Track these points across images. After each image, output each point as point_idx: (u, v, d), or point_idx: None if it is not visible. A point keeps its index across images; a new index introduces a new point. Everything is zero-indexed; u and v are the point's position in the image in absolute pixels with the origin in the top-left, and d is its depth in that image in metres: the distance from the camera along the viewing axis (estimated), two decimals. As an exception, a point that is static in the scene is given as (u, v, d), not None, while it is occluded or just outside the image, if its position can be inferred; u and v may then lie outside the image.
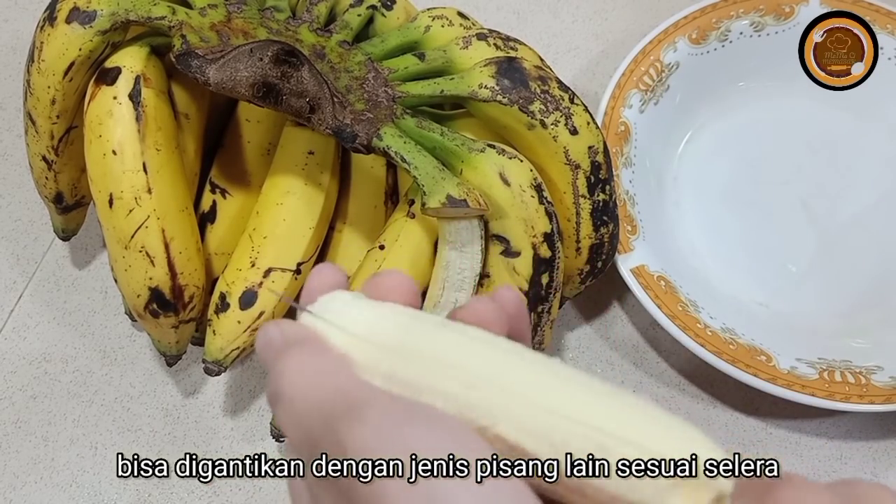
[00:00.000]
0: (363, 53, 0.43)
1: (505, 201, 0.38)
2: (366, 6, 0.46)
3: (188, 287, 0.43)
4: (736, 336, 0.47)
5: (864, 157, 0.54)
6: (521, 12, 0.62)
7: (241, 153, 0.48)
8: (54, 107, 0.42)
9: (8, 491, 0.48)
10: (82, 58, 0.41)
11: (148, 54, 0.42)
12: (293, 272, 0.44)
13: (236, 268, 0.45)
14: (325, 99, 0.39)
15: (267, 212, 0.45)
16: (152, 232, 0.41)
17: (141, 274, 0.42)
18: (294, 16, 0.44)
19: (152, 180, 0.41)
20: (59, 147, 0.44)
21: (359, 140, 0.39)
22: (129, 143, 0.40)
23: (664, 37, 0.54)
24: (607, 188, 0.43)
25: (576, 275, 0.45)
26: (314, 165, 0.45)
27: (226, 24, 0.41)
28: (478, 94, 0.40)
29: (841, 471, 0.47)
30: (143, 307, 0.43)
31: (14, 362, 0.52)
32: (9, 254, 0.55)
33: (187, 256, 0.43)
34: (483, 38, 0.43)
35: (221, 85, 0.39)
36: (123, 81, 0.41)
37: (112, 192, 0.41)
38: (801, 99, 0.55)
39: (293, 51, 0.38)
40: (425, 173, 0.38)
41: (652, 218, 0.51)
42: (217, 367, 0.44)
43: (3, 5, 0.64)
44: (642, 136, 0.52)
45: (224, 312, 0.44)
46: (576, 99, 0.41)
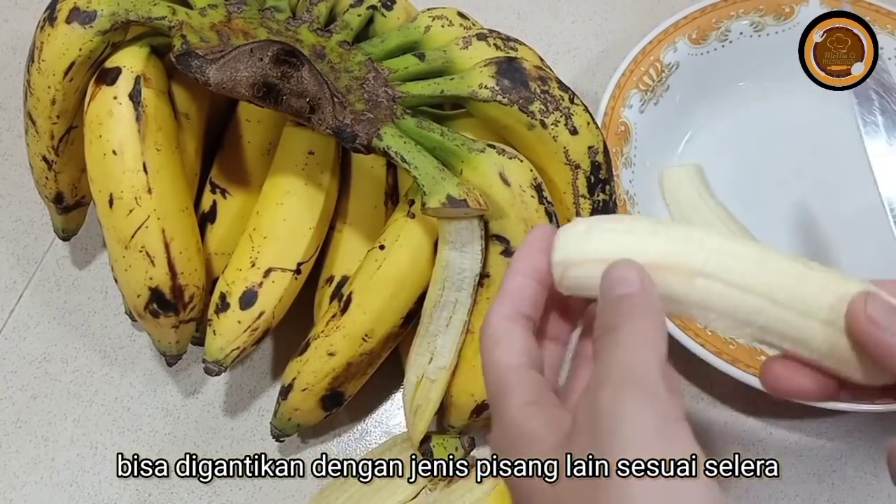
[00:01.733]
0: (363, 53, 0.43)
1: (505, 201, 0.38)
2: (366, 6, 0.46)
3: (188, 287, 0.43)
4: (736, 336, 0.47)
5: (863, 157, 0.54)
6: (521, 12, 0.62)
7: (241, 153, 0.48)
8: (54, 107, 0.42)
9: (8, 491, 0.48)
10: (82, 58, 0.40)
11: (148, 54, 0.42)
12: (293, 272, 0.44)
13: (236, 268, 0.45)
14: (325, 99, 0.39)
15: (267, 212, 0.45)
16: (152, 232, 0.41)
17: (141, 274, 0.42)
18: (294, 16, 0.44)
19: (152, 180, 0.41)
20: (60, 147, 0.44)
21: (359, 140, 0.39)
22: (129, 144, 0.40)
23: (664, 37, 0.54)
24: (607, 188, 0.43)
25: None
26: (314, 165, 0.45)
27: (226, 25, 0.41)
28: (478, 94, 0.40)
29: (841, 471, 0.47)
30: (143, 307, 0.43)
31: (14, 362, 0.52)
32: (9, 254, 0.55)
33: (187, 256, 0.43)
34: (483, 39, 0.43)
35: (221, 85, 0.39)
36: (124, 81, 0.40)
37: (112, 193, 0.41)
38: (801, 99, 0.55)
39: (293, 51, 0.38)
40: (425, 173, 0.38)
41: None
42: (217, 367, 0.44)
43: (3, 5, 0.64)
44: (642, 136, 0.53)
45: (224, 312, 0.44)
46: (576, 99, 0.41)
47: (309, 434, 0.49)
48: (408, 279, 0.41)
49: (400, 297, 0.41)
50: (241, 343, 0.44)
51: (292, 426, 0.46)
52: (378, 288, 0.41)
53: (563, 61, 0.60)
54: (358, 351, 0.42)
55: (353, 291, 0.42)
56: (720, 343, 0.46)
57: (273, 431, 0.46)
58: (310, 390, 0.43)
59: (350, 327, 0.42)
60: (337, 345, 0.42)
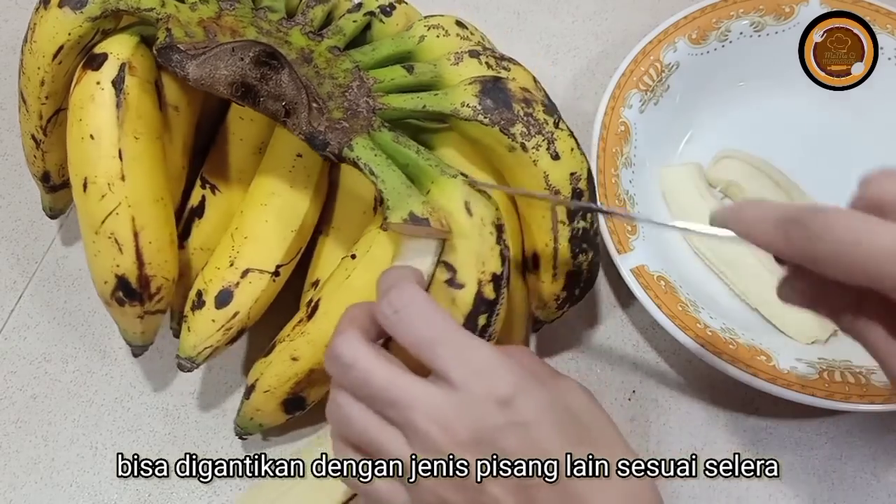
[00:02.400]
0: (351, 61, 0.43)
1: (463, 230, 0.37)
2: (363, 13, 0.45)
3: (156, 278, 0.43)
4: (736, 336, 0.47)
5: (864, 157, 0.54)
6: (521, 12, 0.62)
7: (232, 150, 0.48)
8: (43, 88, 0.43)
9: (8, 491, 0.48)
10: (71, 42, 0.41)
11: (137, 43, 0.42)
12: (272, 274, 0.44)
13: (215, 266, 0.45)
14: (301, 104, 0.39)
15: (251, 212, 0.45)
16: (122, 219, 0.41)
17: (109, 260, 0.42)
18: (290, 17, 0.44)
19: (127, 168, 0.41)
20: (48, 127, 0.45)
21: (329, 148, 0.39)
22: (106, 129, 0.40)
23: (664, 37, 0.54)
24: (588, 216, 0.42)
25: (552, 300, 0.45)
26: (301, 168, 0.45)
27: (215, 21, 0.41)
28: (459, 111, 0.40)
29: (841, 471, 0.47)
30: (109, 294, 0.43)
31: (14, 362, 0.52)
32: (9, 254, 0.55)
33: (157, 247, 0.43)
34: (475, 56, 0.43)
35: (200, 81, 0.39)
36: (108, 67, 0.41)
37: (87, 177, 0.41)
38: (801, 99, 0.55)
39: (274, 53, 0.38)
40: (391, 188, 0.38)
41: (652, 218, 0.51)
42: (189, 364, 0.44)
43: (3, 5, 0.64)
44: (642, 136, 0.52)
45: (200, 310, 0.44)
46: (561, 124, 0.41)
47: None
48: (376, 291, 0.41)
49: None
50: (214, 342, 0.44)
51: (254, 426, 0.46)
52: (345, 297, 0.41)
53: (563, 61, 0.60)
54: (321, 358, 0.41)
55: (321, 298, 0.41)
56: (720, 343, 0.46)
57: (236, 430, 0.46)
58: (272, 392, 0.43)
59: (315, 334, 0.41)
60: (301, 350, 0.42)
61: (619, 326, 0.52)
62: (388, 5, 0.47)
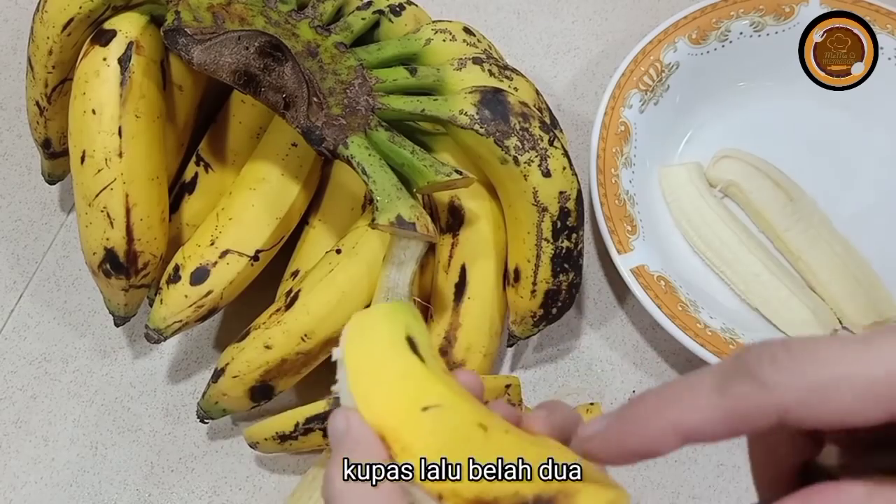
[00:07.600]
0: (356, 59, 0.43)
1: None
2: (372, 10, 0.46)
3: (143, 254, 0.44)
4: (736, 336, 0.47)
5: (864, 157, 0.54)
6: (521, 12, 0.62)
7: (230, 132, 0.48)
8: (51, 57, 0.44)
9: (8, 491, 0.48)
10: (81, 16, 0.42)
11: (147, 23, 0.42)
12: (250, 258, 0.44)
13: (196, 243, 0.45)
14: (301, 98, 0.39)
15: (239, 194, 0.45)
16: (116, 195, 0.42)
17: (99, 233, 0.43)
18: (300, 10, 0.44)
19: (125, 145, 0.41)
20: (52, 96, 0.45)
21: (325, 144, 0.39)
22: (108, 105, 0.41)
23: (664, 37, 0.54)
24: (573, 236, 0.42)
25: (528, 317, 0.45)
26: (295, 158, 0.45)
27: (224, 7, 0.41)
28: (457, 119, 0.40)
29: (841, 471, 0.47)
30: (97, 265, 0.44)
31: (14, 362, 0.52)
32: (9, 254, 0.55)
33: (148, 224, 0.43)
34: (479, 63, 0.43)
35: (204, 66, 0.39)
36: (116, 45, 0.41)
37: (85, 150, 0.41)
38: (801, 99, 0.55)
39: (279, 45, 0.38)
40: (382, 189, 0.38)
41: (652, 218, 0.51)
42: (157, 335, 0.45)
43: (3, 5, 0.64)
44: (642, 136, 0.52)
45: (174, 284, 0.44)
46: (556, 142, 0.41)
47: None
48: (356, 288, 0.41)
49: (345, 305, 0.41)
50: (185, 317, 0.44)
51: (218, 410, 0.46)
52: (325, 291, 0.41)
53: (563, 61, 0.60)
54: (294, 349, 0.42)
55: (301, 290, 0.42)
56: (720, 343, 0.46)
57: (199, 412, 0.46)
58: (240, 378, 0.43)
59: (291, 324, 0.42)
60: (275, 339, 0.42)
61: (619, 326, 0.52)
62: (397, 5, 0.47)
